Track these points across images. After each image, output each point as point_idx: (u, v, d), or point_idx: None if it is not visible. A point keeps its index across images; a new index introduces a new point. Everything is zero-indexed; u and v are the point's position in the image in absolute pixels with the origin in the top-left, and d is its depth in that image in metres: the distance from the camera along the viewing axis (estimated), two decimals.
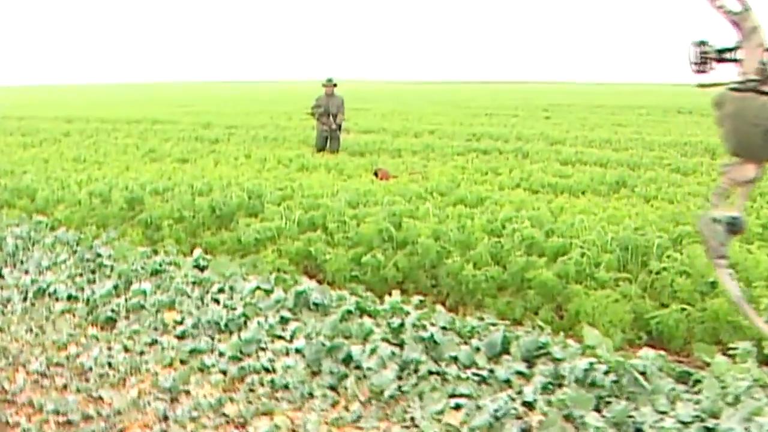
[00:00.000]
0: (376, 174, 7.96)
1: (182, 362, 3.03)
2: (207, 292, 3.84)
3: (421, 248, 4.41)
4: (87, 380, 2.94)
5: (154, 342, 3.26)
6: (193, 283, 4.00)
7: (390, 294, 3.90)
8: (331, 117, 10.84)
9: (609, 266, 4.00)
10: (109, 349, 3.24)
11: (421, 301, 3.82)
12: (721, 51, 1.53)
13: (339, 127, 11.06)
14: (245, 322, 3.35)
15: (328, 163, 8.97)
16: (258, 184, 6.42)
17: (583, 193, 7.00)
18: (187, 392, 2.76)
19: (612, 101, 34.80)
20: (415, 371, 2.73)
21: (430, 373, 2.70)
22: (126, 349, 3.22)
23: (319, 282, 4.40)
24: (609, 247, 4.23)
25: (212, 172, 8.01)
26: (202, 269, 4.31)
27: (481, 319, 3.46)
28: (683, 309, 3.47)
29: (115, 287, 3.99)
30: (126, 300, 3.78)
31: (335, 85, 11.02)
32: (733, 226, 1.44)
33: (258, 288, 3.74)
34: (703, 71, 1.55)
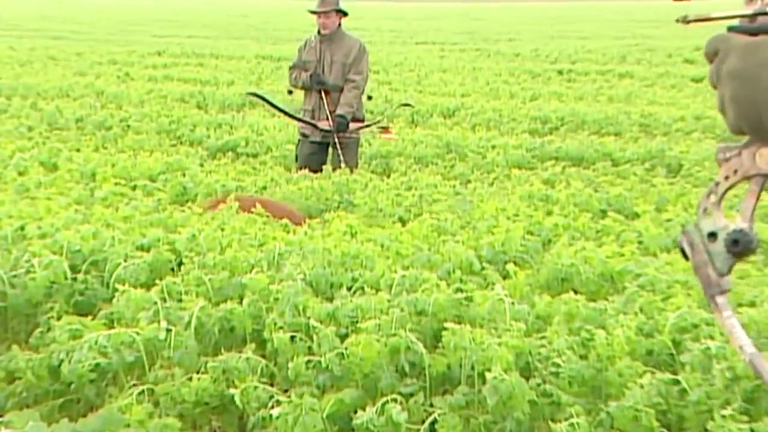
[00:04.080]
0: None
1: None
2: None
3: (490, 394, 4.16)
4: None
5: None
6: None
7: None
8: (322, 96, 9.84)
9: None
10: None
11: None
12: None
13: (343, 122, 9.89)
14: None
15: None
16: (92, 234, 6.18)
17: None
18: None
19: None
20: None
21: None
22: None
23: None
24: None
25: None
26: None
27: None
28: None
29: None
30: None
31: (345, 14, 10.02)
32: (738, 245, 1.64)
33: None
34: None
